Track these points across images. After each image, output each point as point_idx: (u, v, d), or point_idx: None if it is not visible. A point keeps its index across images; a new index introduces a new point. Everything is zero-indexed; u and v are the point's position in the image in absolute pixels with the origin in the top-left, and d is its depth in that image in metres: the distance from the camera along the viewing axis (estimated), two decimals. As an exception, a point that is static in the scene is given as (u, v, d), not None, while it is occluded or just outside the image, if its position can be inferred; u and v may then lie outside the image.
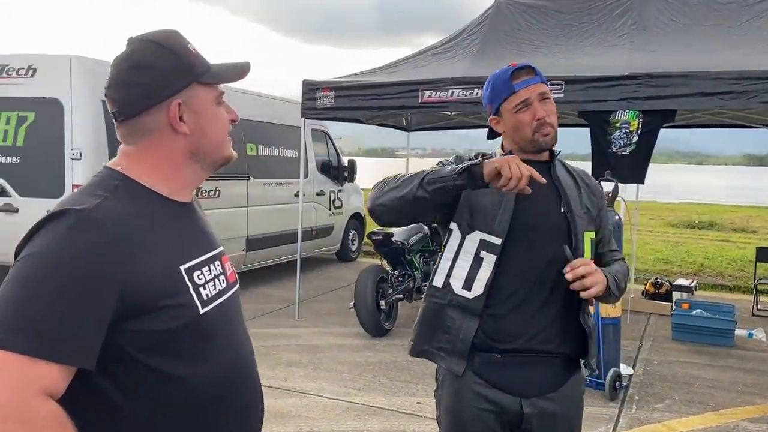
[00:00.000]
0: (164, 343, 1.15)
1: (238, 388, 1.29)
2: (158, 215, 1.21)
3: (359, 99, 6.25)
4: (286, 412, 4.31)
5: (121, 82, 1.21)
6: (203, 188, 7.02)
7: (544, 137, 1.87)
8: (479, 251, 1.86)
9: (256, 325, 6.49)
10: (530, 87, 1.86)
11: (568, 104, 5.53)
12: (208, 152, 1.28)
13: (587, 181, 2.03)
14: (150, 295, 1.12)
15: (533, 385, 1.88)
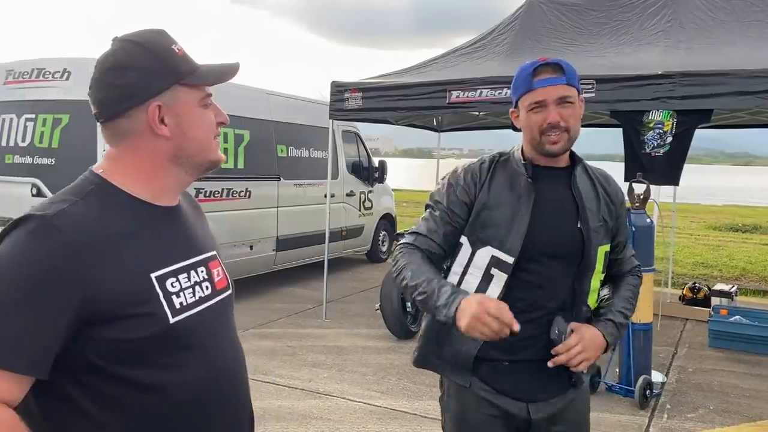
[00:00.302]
0: (132, 352, 1.12)
1: (218, 397, 1.25)
2: (132, 221, 1.18)
3: (386, 100, 6.22)
4: (308, 413, 4.30)
5: (100, 82, 1.19)
6: (234, 189, 7.10)
7: (552, 144, 1.75)
8: (490, 268, 1.80)
9: (284, 325, 6.53)
10: (550, 88, 1.73)
11: (599, 104, 5.41)
12: (191, 156, 1.24)
13: (606, 187, 1.92)
14: (113, 303, 1.09)
15: (540, 390, 1.84)
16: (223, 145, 6.93)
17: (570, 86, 1.75)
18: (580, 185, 1.84)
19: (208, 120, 1.26)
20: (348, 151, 9.49)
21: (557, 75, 1.73)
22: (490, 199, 1.82)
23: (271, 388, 4.75)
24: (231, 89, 7.40)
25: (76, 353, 1.09)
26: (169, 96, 1.20)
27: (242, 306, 7.21)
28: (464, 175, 1.86)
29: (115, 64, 1.18)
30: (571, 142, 1.79)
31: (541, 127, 1.75)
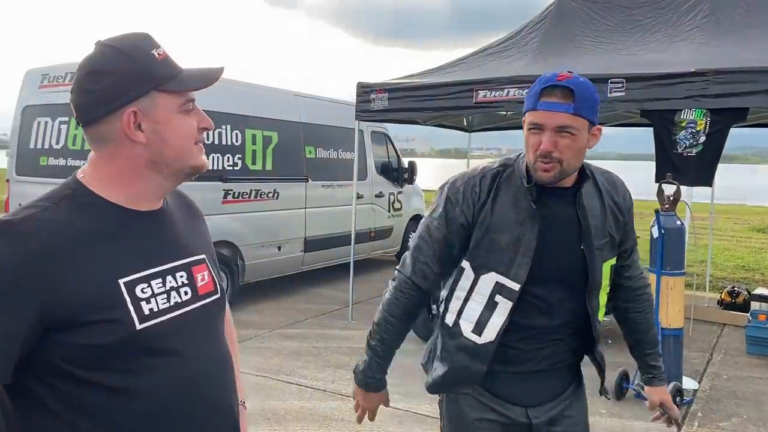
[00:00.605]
0: (98, 357, 1.11)
1: (192, 404, 1.23)
2: (104, 226, 1.17)
3: (412, 100, 6.19)
4: (329, 415, 4.30)
5: (78, 87, 1.19)
6: (262, 190, 7.15)
7: (542, 172, 1.66)
8: (494, 295, 1.75)
9: (310, 325, 6.55)
10: (552, 113, 1.62)
11: (629, 103, 5.29)
12: (169, 162, 1.23)
13: (614, 196, 1.84)
14: (77, 309, 1.08)
15: (538, 395, 1.84)
16: (251, 146, 7.00)
17: (576, 116, 1.62)
18: (586, 203, 1.76)
19: (188, 126, 1.24)
20: (377, 152, 9.48)
21: (564, 101, 1.61)
22: (493, 223, 1.74)
23: (294, 388, 4.77)
24: (260, 91, 7.48)
25: (42, 357, 1.10)
26: (146, 102, 1.18)
27: (270, 306, 7.28)
28: (464, 192, 1.78)
29: (92, 68, 1.18)
30: (564, 173, 1.68)
31: (534, 152, 1.67)
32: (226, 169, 6.70)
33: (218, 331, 1.35)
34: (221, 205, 6.66)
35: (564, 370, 1.88)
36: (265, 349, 5.70)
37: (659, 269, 4.60)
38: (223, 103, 6.72)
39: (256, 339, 6.01)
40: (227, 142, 6.71)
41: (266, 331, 6.29)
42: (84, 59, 1.20)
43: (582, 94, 1.62)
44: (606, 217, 1.79)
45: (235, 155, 6.80)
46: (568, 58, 6.02)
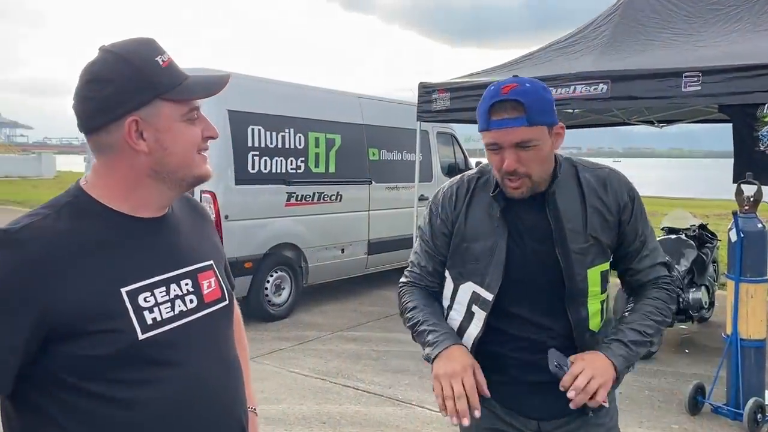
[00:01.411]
0: (99, 368, 1.09)
1: (197, 413, 1.20)
2: (106, 234, 1.15)
3: (474, 99, 6.00)
4: (383, 420, 4.23)
5: (79, 94, 1.16)
6: (325, 193, 7.18)
7: (513, 190, 1.61)
8: (471, 305, 1.72)
9: (372, 328, 6.52)
10: (505, 130, 1.54)
11: (706, 98, 4.97)
12: (171, 171, 1.20)
13: (602, 195, 1.69)
14: (77, 319, 1.07)
15: (551, 408, 1.71)
16: (314, 149, 7.05)
17: (532, 127, 1.53)
18: (560, 203, 1.67)
19: (192, 134, 1.21)
20: (444, 153, 9.36)
21: (516, 115, 1.52)
22: (467, 231, 1.73)
23: (351, 392, 4.73)
24: (322, 94, 7.53)
25: (44, 367, 1.09)
26: (149, 111, 1.16)
27: (333, 308, 7.30)
28: (442, 201, 1.78)
29: (94, 76, 1.15)
30: (536, 185, 1.62)
31: (499, 171, 1.61)
32: (289, 172, 6.76)
33: (226, 338, 1.32)
34: (284, 208, 6.73)
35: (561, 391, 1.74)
36: (326, 351, 5.71)
37: (738, 276, 4.27)
38: (285, 107, 6.81)
39: (317, 341, 6.03)
40: (290, 145, 6.78)
41: (328, 333, 6.30)
42: (86, 65, 1.17)
43: (532, 102, 1.53)
44: (587, 219, 1.67)
45: (298, 158, 6.86)
46: (639, 52, 5.72)
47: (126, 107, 1.14)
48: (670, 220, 6.80)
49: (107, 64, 1.15)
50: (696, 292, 5.91)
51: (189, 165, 1.22)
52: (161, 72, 1.16)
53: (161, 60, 1.17)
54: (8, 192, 24.09)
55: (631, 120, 7.74)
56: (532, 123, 1.53)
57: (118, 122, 1.14)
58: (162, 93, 1.16)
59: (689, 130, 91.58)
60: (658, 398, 4.70)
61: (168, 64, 1.18)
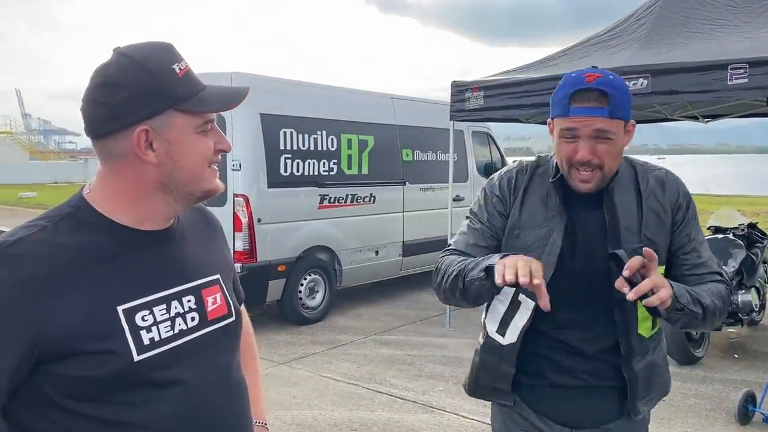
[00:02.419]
0: (94, 389, 1.04)
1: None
2: (104, 248, 1.10)
3: (508, 97, 5.89)
4: (416, 428, 4.14)
5: (89, 98, 1.10)
6: (358, 194, 7.12)
7: (581, 182, 1.58)
8: (517, 294, 1.67)
9: (406, 332, 6.42)
10: (586, 118, 1.52)
11: (753, 90, 4.73)
12: (180, 185, 1.14)
13: (659, 195, 1.66)
14: (69, 338, 1.01)
15: (586, 416, 1.69)
16: (347, 151, 6.99)
17: (613, 119, 1.52)
18: (617, 200, 1.64)
19: (204, 148, 1.15)
20: (480, 152, 9.20)
21: (599, 105, 1.50)
22: (522, 219, 1.69)
23: (384, 398, 4.65)
24: (354, 96, 7.47)
25: (36, 389, 1.04)
26: (161, 121, 1.09)
27: (367, 311, 7.23)
28: (500, 183, 1.75)
29: (106, 80, 1.09)
30: (605, 180, 1.60)
31: (570, 160, 1.58)
32: (322, 175, 6.72)
33: (230, 356, 1.26)
34: (317, 211, 6.69)
35: (613, 394, 1.70)
36: (360, 355, 5.64)
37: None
38: (317, 109, 6.77)
39: (351, 345, 5.97)
40: (322, 147, 6.74)
41: (362, 337, 6.23)
42: (99, 67, 1.11)
43: (616, 94, 1.52)
44: (642, 220, 1.64)
45: (330, 160, 6.82)
46: (681, 45, 5.48)
47: (137, 116, 1.08)
48: (717, 218, 6.52)
49: (121, 68, 1.09)
50: (746, 294, 5.65)
51: (199, 179, 1.16)
52: (177, 81, 1.10)
53: (178, 68, 1.11)
54: (56, 197, 24.83)
55: (674, 115, 7.46)
56: (613, 115, 1.52)
57: (128, 130, 1.08)
58: (176, 103, 1.10)
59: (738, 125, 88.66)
60: (706, 406, 4.48)
61: (185, 73, 1.12)
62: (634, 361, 1.66)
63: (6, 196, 24.84)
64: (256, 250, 6.09)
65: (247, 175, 6.09)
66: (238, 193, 6.05)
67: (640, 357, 1.67)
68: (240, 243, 6.01)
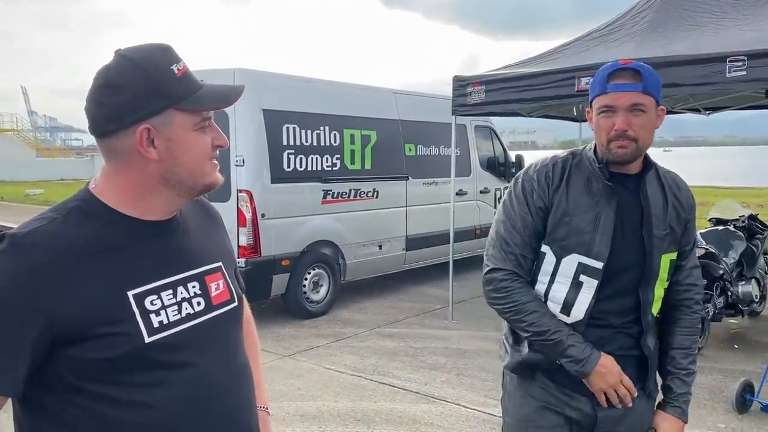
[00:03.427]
0: (107, 371, 1.10)
1: (207, 416, 1.20)
2: (112, 237, 1.16)
3: (510, 91, 5.93)
4: (418, 418, 4.20)
5: (92, 98, 1.16)
6: (361, 189, 7.18)
7: (619, 149, 1.71)
8: (578, 275, 1.77)
9: (410, 324, 6.49)
10: (622, 93, 1.68)
11: (752, 83, 4.75)
12: (181, 180, 1.20)
13: (677, 193, 1.86)
14: (82, 323, 1.07)
15: None
16: (349, 146, 7.05)
17: (646, 94, 1.69)
18: (649, 192, 1.80)
19: (203, 144, 1.21)
20: (482, 146, 9.24)
21: (633, 81, 1.68)
22: (570, 206, 1.78)
23: (386, 389, 4.72)
24: (357, 91, 7.52)
25: (52, 371, 1.10)
26: (161, 119, 1.15)
27: (372, 304, 7.30)
28: (537, 178, 1.83)
29: (108, 81, 1.15)
30: (640, 151, 1.74)
31: (608, 134, 1.72)
32: (325, 170, 6.78)
33: (235, 340, 1.32)
34: (321, 206, 6.75)
35: (631, 364, 1.81)
36: (363, 348, 5.71)
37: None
38: (320, 105, 6.82)
39: (355, 338, 6.04)
40: (325, 142, 6.79)
41: (365, 329, 6.30)
42: (101, 69, 1.17)
43: (648, 74, 1.69)
44: (668, 210, 1.81)
45: (333, 155, 6.87)
46: (681, 38, 5.50)
47: (138, 115, 1.14)
48: (718, 210, 6.56)
49: (122, 70, 1.14)
50: (746, 285, 5.69)
51: (199, 173, 1.22)
52: (175, 81, 1.16)
53: (176, 68, 1.16)
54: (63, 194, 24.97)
55: (676, 108, 7.48)
56: (646, 91, 1.68)
57: (129, 129, 1.14)
58: (175, 103, 1.15)
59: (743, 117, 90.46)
60: (704, 396, 4.53)
61: (183, 73, 1.17)
62: (648, 339, 1.81)
63: (13, 194, 25.01)
64: (261, 244, 6.16)
65: (250, 171, 6.14)
66: (241, 189, 6.11)
67: (651, 336, 1.82)
68: (244, 238, 6.08)
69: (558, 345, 1.75)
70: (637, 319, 1.80)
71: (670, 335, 1.89)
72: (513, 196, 1.86)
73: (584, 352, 1.73)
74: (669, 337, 1.89)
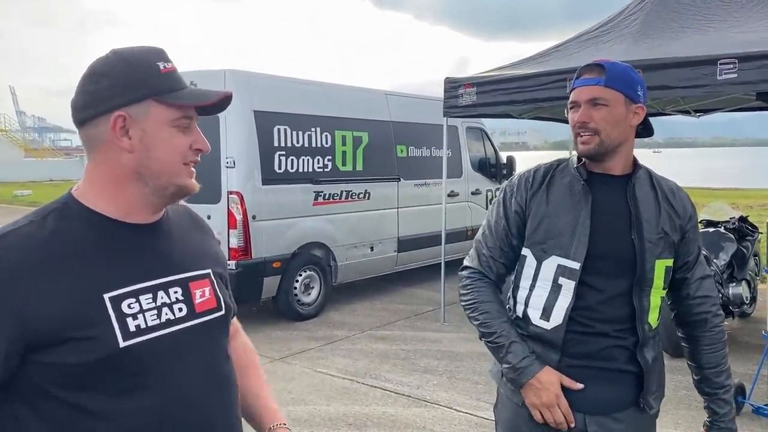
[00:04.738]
0: (79, 377, 1.07)
1: (180, 427, 1.17)
2: (90, 239, 1.14)
3: (501, 93, 5.93)
4: (410, 422, 4.18)
5: (78, 88, 1.19)
6: (353, 191, 7.15)
7: (582, 145, 1.72)
8: (557, 278, 1.75)
9: (401, 327, 6.47)
10: (583, 88, 1.72)
11: (743, 85, 4.76)
12: (154, 175, 1.18)
13: (671, 200, 1.81)
14: (54, 326, 1.05)
15: (599, 403, 1.74)
16: (341, 148, 7.02)
17: (607, 88, 1.69)
18: (638, 194, 1.77)
19: (179, 143, 1.20)
20: (474, 148, 9.24)
21: (594, 76, 1.70)
22: (549, 208, 1.79)
23: (378, 393, 4.69)
24: (349, 92, 7.49)
25: (24, 376, 1.08)
26: (138, 109, 1.16)
27: (363, 307, 7.27)
28: (518, 183, 1.86)
29: (92, 70, 1.17)
30: (604, 146, 1.71)
31: (573, 127, 1.74)
32: (317, 171, 6.75)
33: (219, 349, 1.29)
34: (312, 207, 6.73)
35: (626, 380, 1.76)
36: (355, 351, 5.68)
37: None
38: (311, 106, 6.79)
39: (347, 340, 6.01)
40: (317, 144, 6.76)
41: (357, 332, 6.28)
42: (91, 63, 1.20)
43: (614, 69, 1.70)
44: (660, 214, 1.77)
45: (325, 157, 6.84)
46: (672, 40, 5.52)
47: (115, 102, 1.15)
48: (709, 212, 6.58)
49: (107, 60, 1.18)
50: (736, 287, 5.70)
51: (171, 173, 1.20)
52: (158, 75, 1.17)
53: (162, 65, 1.18)
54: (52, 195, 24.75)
55: (666, 110, 7.51)
56: (608, 85, 1.68)
57: (106, 116, 1.15)
58: (155, 94, 1.16)
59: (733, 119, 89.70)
60: (696, 398, 4.50)
61: (168, 71, 1.19)
62: (646, 350, 1.74)
63: (1, 194, 24.80)
64: (251, 247, 6.12)
65: (241, 173, 6.10)
66: (232, 191, 6.07)
67: (648, 348, 1.75)
68: (235, 240, 6.04)
69: (500, 349, 1.77)
70: (632, 328, 1.73)
71: (697, 355, 1.85)
72: (495, 201, 1.91)
73: (522, 361, 1.72)
74: (696, 357, 1.85)
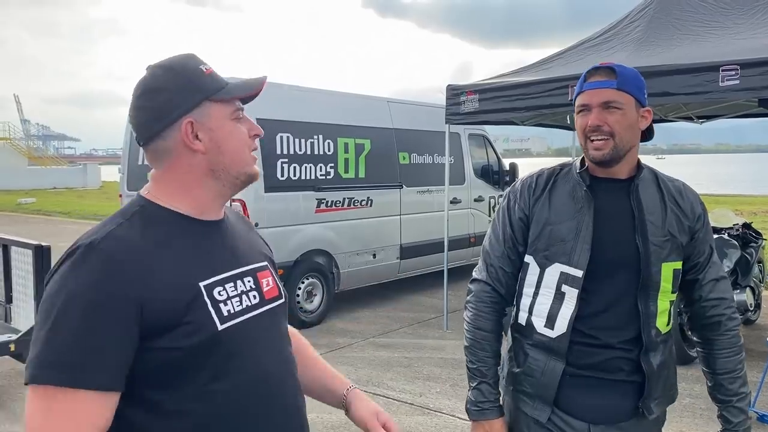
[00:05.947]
0: (186, 359, 1.16)
1: (266, 405, 1.27)
2: (175, 235, 1.23)
3: (503, 100, 5.93)
4: (413, 430, 4.16)
5: (135, 108, 1.26)
6: (355, 198, 7.16)
7: (595, 150, 1.68)
8: (560, 285, 1.73)
9: (404, 334, 6.45)
10: (595, 91, 1.67)
11: (745, 92, 4.75)
12: (227, 168, 1.28)
13: (679, 200, 1.78)
14: (165, 313, 1.14)
15: (603, 412, 1.71)
16: (343, 155, 7.03)
17: (621, 92, 1.65)
18: (642, 196, 1.73)
19: (241, 132, 1.30)
20: (476, 154, 9.24)
21: (607, 78, 1.66)
22: (552, 215, 1.76)
23: (380, 401, 4.67)
24: (351, 100, 7.51)
25: (139, 363, 1.13)
26: (200, 112, 1.25)
27: (365, 314, 7.26)
28: (521, 189, 1.84)
29: (146, 88, 1.25)
30: (619, 150, 1.68)
31: (584, 131, 1.69)
32: (319, 179, 6.76)
33: (284, 333, 1.40)
34: (315, 214, 6.73)
35: (630, 389, 1.73)
36: (358, 358, 5.67)
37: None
38: (313, 114, 6.81)
39: (349, 348, 5.99)
40: (319, 151, 6.78)
41: (359, 339, 6.26)
42: (137, 82, 1.27)
43: (624, 72, 1.67)
44: (666, 216, 1.73)
45: (327, 164, 6.85)
46: (674, 47, 5.52)
47: (180, 110, 1.23)
48: (712, 218, 6.56)
49: (156, 76, 1.25)
50: (740, 293, 5.69)
51: (242, 162, 1.29)
52: (205, 77, 1.27)
53: (204, 68, 1.28)
54: (55, 203, 24.86)
55: (669, 117, 7.51)
56: (620, 88, 1.65)
57: (174, 125, 1.23)
58: (209, 95, 1.25)
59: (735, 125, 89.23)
60: (700, 406, 4.51)
61: (210, 72, 1.28)
62: (651, 356, 1.71)
63: (5, 203, 24.87)
64: (254, 254, 6.11)
65: (244, 180, 6.11)
66: (235, 198, 6.07)
67: (655, 353, 1.72)
68: (237, 247, 6.04)
69: (472, 379, 1.81)
70: (637, 338, 1.70)
71: (711, 360, 1.82)
72: (499, 209, 1.89)
73: (481, 404, 1.77)
74: (709, 362, 1.82)
